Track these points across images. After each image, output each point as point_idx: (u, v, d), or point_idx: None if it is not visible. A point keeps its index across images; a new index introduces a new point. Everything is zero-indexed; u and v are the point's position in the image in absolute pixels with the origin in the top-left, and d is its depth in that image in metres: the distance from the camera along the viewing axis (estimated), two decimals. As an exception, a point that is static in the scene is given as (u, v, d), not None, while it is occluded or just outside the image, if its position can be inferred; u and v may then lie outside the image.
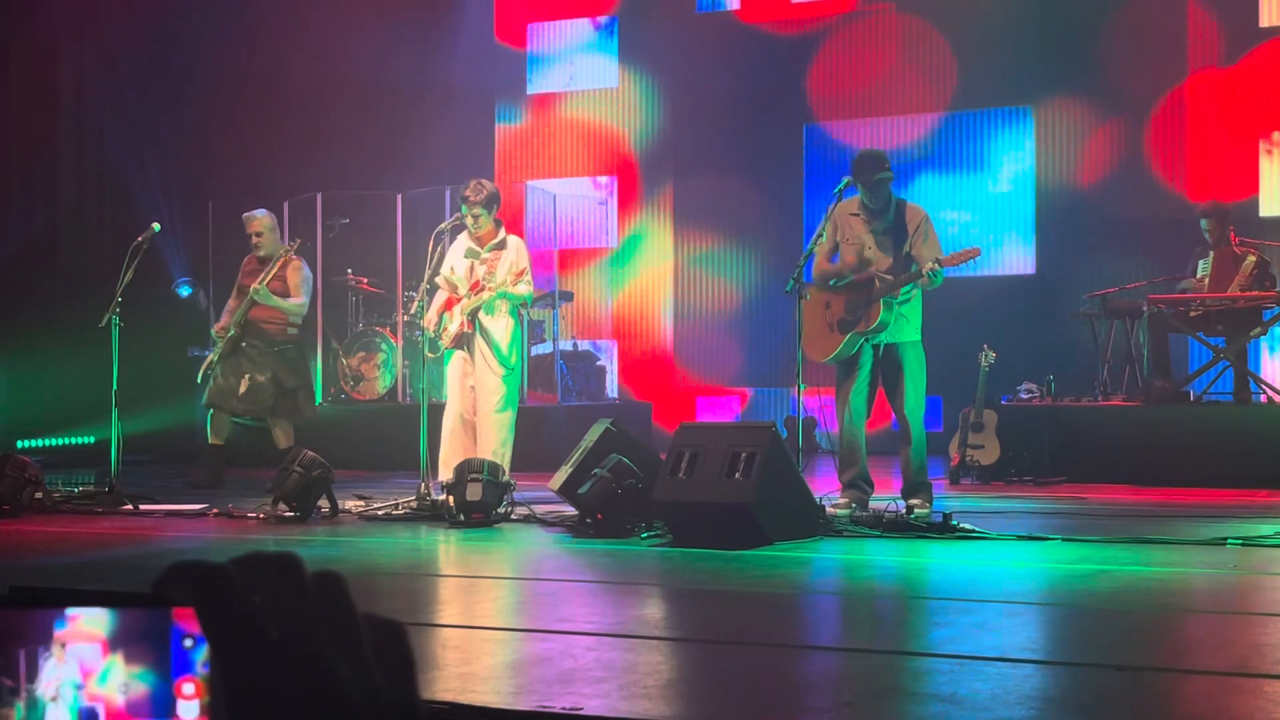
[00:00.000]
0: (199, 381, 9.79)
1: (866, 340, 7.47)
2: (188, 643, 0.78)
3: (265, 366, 9.56)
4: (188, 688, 0.78)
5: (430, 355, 8.65)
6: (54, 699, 0.78)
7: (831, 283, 7.58)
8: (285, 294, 9.61)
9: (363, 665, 0.75)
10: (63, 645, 0.78)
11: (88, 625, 0.78)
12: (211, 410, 9.69)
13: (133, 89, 13.86)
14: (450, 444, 8.36)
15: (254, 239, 9.78)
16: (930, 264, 7.29)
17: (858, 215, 7.62)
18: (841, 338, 7.49)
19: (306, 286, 9.73)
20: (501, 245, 8.45)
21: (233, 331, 9.55)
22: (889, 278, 7.40)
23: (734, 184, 14.18)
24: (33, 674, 0.78)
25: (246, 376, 9.50)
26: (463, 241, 8.51)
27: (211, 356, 9.73)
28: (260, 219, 9.83)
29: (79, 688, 0.78)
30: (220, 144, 13.64)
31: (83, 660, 0.78)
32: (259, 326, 9.62)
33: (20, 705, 0.78)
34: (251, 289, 9.50)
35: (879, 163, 7.58)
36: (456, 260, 8.45)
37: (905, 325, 7.53)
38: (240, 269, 9.94)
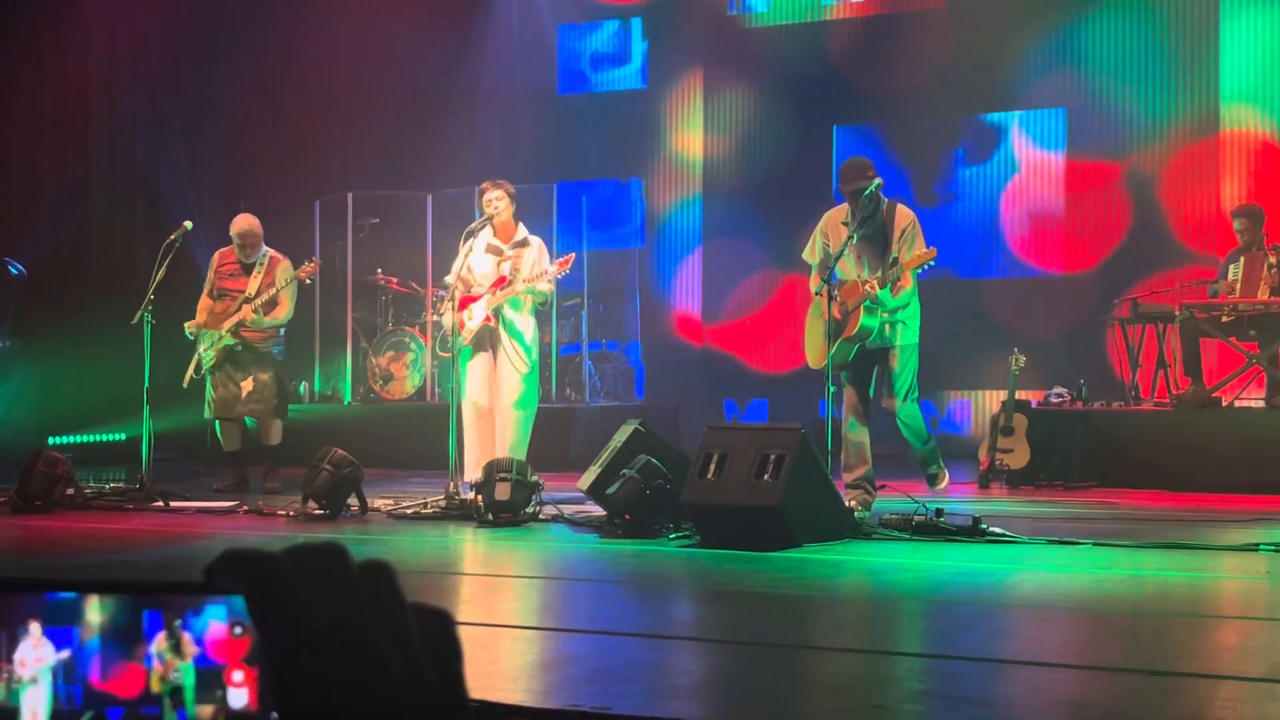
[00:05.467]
0: (185, 386, 9.53)
1: (857, 346, 7.49)
2: (237, 630, 0.78)
3: (267, 365, 9.41)
4: (237, 675, 0.78)
5: (443, 354, 8.65)
6: (33, 680, 0.78)
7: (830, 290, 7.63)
8: (273, 303, 9.38)
9: (410, 655, 0.75)
10: (40, 627, 0.78)
11: (95, 612, 0.79)
12: (218, 421, 9.53)
13: (164, 89, 13.94)
14: (473, 443, 8.37)
15: (244, 243, 9.43)
16: (875, 280, 7.31)
17: (847, 224, 7.61)
18: (832, 345, 7.51)
19: (293, 290, 9.51)
20: (524, 243, 8.47)
21: (230, 341, 9.29)
22: (873, 286, 7.42)
23: (763, 185, 14.16)
24: (12, 654, 0.78)
25: (251, 378, 9.32)
26: (483, 240, 8.48)
27: (197, 360, 9.42)
28: (256, 222, 9.53)
29: (57, 672, 0.78)
30: (251, 143, 13.70)
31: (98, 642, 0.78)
32: (251, 332, 9.38)
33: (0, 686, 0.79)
34: (250, 318, 9.25)
35: (857, 172, 7.56)
36: (477, 259, 8.44)
37: (902, 330, 7.56)
38: (212, 266, 9.57)
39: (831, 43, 13.98)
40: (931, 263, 7.47)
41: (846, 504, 7.25)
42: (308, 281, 9.75)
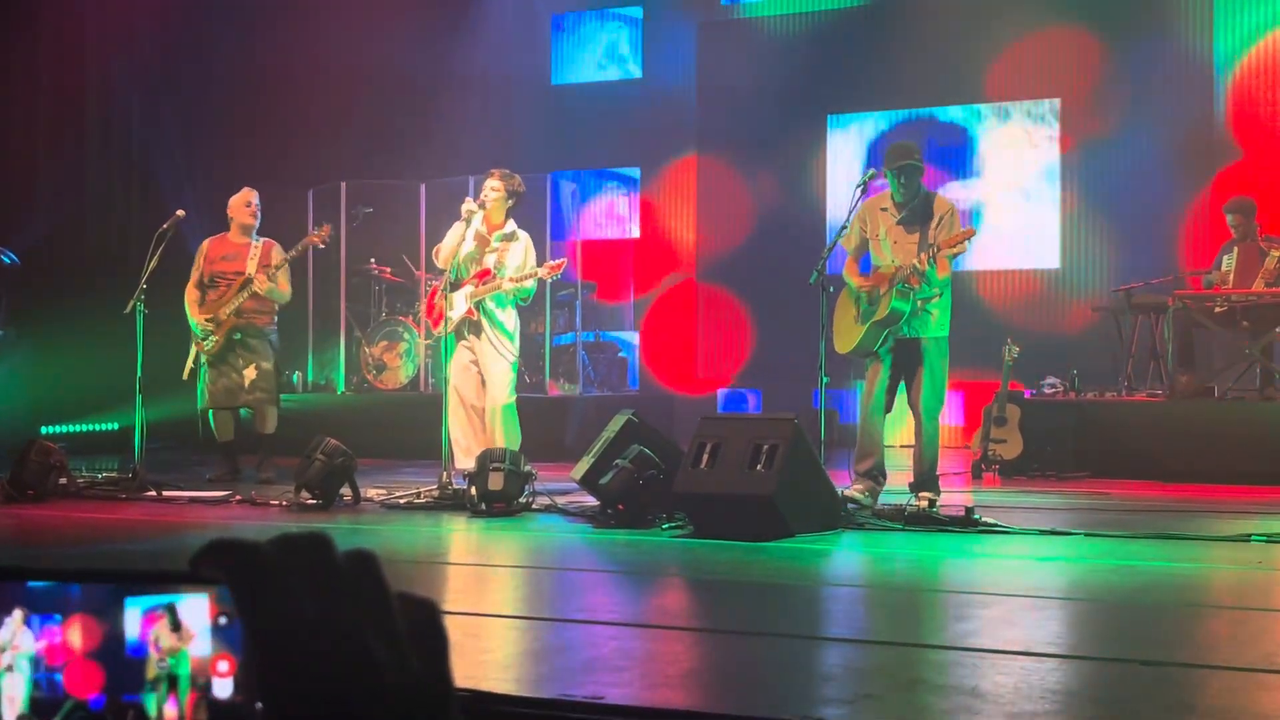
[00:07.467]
0: (185, 378, 9.51)
1: (886, 332, 7.43)
2: (222, 620, 0.78)
3: (266, 354, 9.40)
4: (222, 665, 0.78)
5: (426, 341, 8.67)
6: (11, 668, 0.78)
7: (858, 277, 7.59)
8: (275, 281, 9.38)
9: (396, 644, 0.75)
10: (23, 615, 0.78)
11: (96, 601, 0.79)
12: (213, 410, 9.49)
13: (159, 78, 13.90)
14: (460, 431, 8.36)
15: (251, 210, 9.41)
16: (918, 259, 7.25)
17: (886, 210, 7.58)
18: (862, 329, 7.47)
19: (287, 271, 9.49)
20: (511, 237, 8.47)
21: (237, 335, 9.27)
22: (922, 261, 7.35)
23: (757, 174, 14.14)
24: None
25: (253, 366, 9.31)
26: (473, 227, 8.45)
27: (195, 352, 9.38)
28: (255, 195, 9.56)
29: (35, 660, 0.78)
30: (245, 132, 13.67)
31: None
32: (251, 318, 9.35)
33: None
34: (261, 286, 9.22)
35: (910, 151, 7.55)
36: (464, 245, 8.45)
37: (929, 321, 7.46)
38: (202, 254, 9.49)
39: (827, 31, 13.96)
40: (969, 243, 7.36)
41: (852, 491, 7.23)
42: (321, 246, 9.71)
